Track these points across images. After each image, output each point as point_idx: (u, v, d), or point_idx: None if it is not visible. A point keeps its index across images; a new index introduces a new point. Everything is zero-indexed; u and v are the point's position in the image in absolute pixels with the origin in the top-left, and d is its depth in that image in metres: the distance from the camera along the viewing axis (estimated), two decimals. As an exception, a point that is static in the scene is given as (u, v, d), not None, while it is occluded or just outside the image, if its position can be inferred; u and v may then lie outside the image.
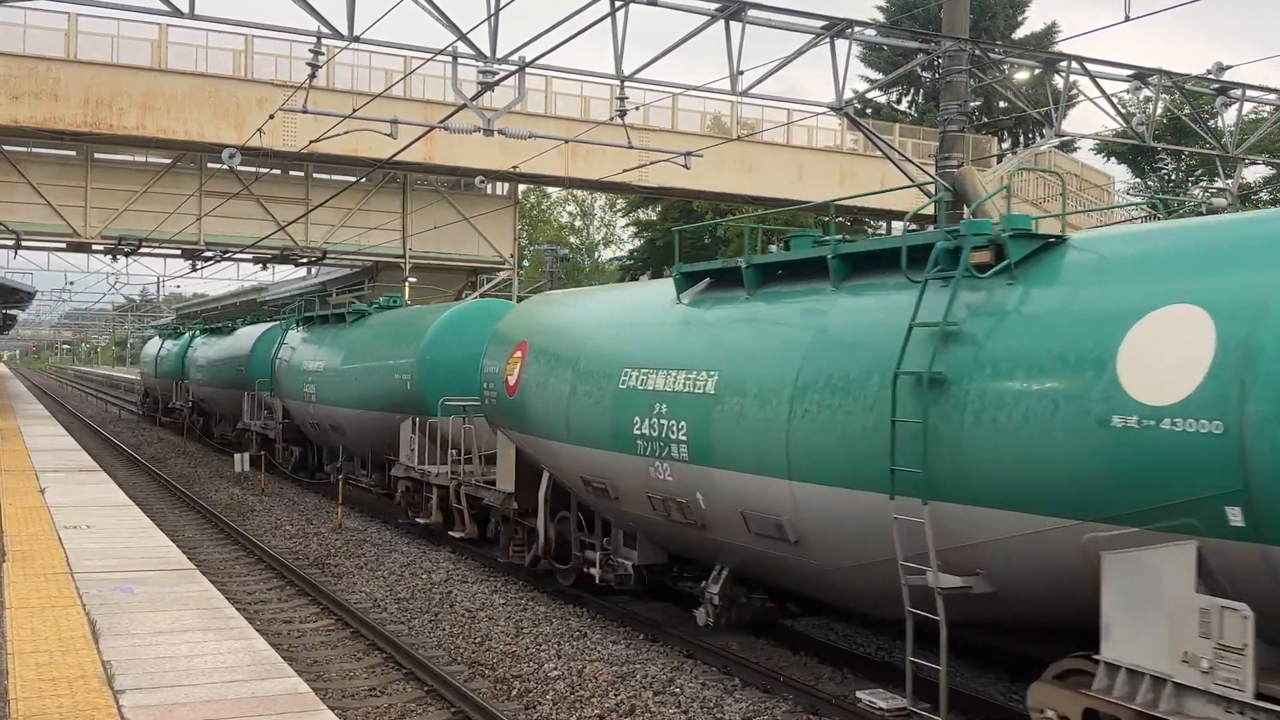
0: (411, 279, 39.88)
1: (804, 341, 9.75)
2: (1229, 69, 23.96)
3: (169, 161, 36.87)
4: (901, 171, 21.70)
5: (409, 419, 19.26)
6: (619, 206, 67.29)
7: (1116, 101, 22.59)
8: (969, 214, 9.36)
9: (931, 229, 9.94)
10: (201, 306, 76.96)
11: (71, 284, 69.22)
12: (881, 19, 48.31)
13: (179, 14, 17.69)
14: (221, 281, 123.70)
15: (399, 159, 25.84)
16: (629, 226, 65.63)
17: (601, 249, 74.50)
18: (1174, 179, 42.28)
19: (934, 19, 35.80)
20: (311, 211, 35.24)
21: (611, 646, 12.11)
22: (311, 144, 22.72)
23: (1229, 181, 24.73)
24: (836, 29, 18.90)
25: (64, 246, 39.58)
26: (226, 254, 38.95)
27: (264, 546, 18.38)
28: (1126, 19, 17.31)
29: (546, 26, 15.86)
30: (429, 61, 22.14)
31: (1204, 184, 40.67)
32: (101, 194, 36.08)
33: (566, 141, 25.66)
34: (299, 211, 36.21)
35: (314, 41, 18.23)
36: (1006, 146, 51.12)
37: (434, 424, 18.43)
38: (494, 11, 17.54)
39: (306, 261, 43.00)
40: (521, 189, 50.68)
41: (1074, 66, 20.87)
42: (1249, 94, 23.62)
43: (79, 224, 35.82)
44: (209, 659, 7.76)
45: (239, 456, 27.32)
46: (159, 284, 76.71)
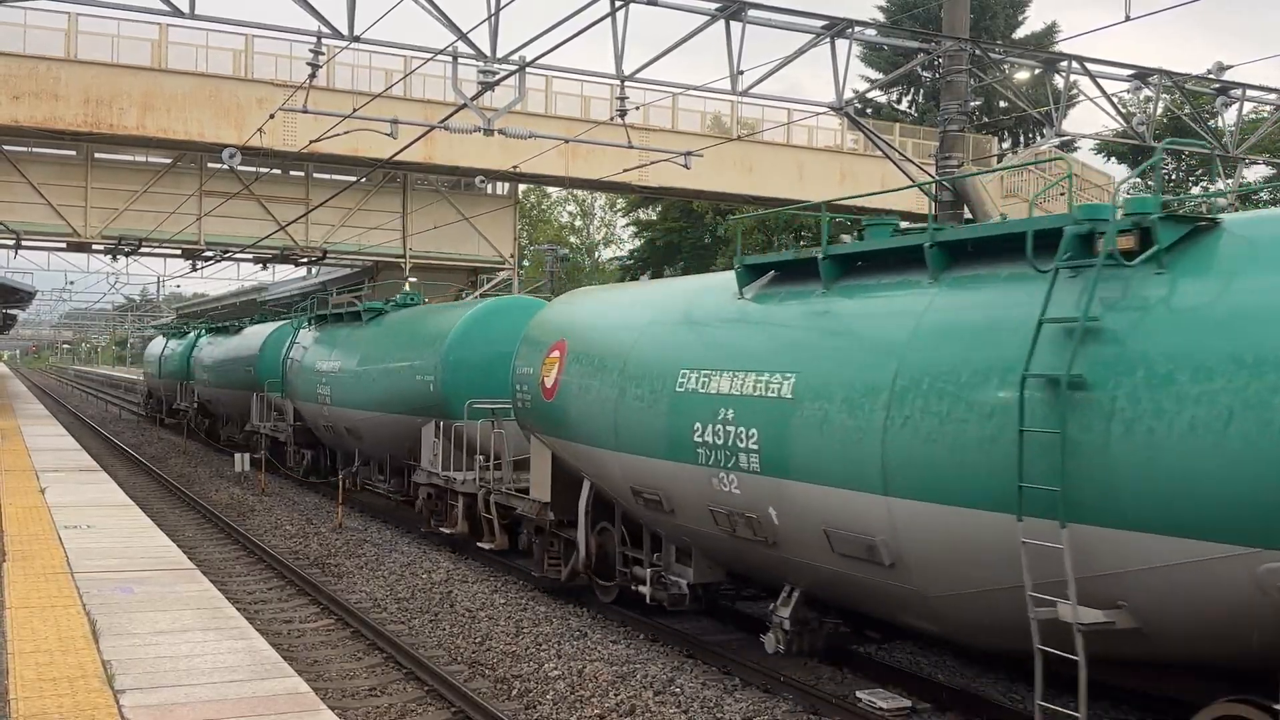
0: (411, 279, 39.85)
1: (900, 340, 8.71)
2: (1229, 69, 24.01)
3: (169, 161, 36.90)
4: (902, 171, 21.71)
5: (431, 422, 18.35)
6: (619, 206, 67.32)
7: (1117, 101, 22.63)
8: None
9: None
10: (202, 306, 76.99)
11: (71, 284, 69.14)
12: (882, 19, 48.31)
13: (179, 14, 17.72)
14: (221, 281, 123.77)
15: (399, 159, 25.84)
16: (629, 226, 65.70)
17: (601, 249, 74.56)
18: (1174, 179, 42.24)
19: (934, 19, 35.81)
20: (311, 211, 35.27)
21: (612, 646, 12.10)
22: (312, 144, 22.74)
23: (1229, 181, 24.74)
24: (837, 29, 18.93)
25: (64, 246, 39.64)
26: (227, 254, 38.97)
27: (264, 546, 18.38)
28: (1126, 19, 17.34)
29: (546, 26, 15.89)
30: (429, 61, 22.19)
31: (1204, 184, 40.65)
32: (101, 194, 36.10)
33: (566, 141, 25.65)
34: (299, 211, 36.23)
35: (314, 41, 18.27)
36: (1007, 146, 51.14)
37: (459, 428, 17.53)
38: (494, 11, 17.57)
39: (306, 261, 42.99)
40: (521, 189, 50.69)
41: (1074, 66, 20.90)
42: (1249, 94, 23.65)
43: (79, 224, 35.85)
44: (209, 659, 7.77)
45: (239, 456, 27.31)
46: (159, 284, 76.41)
